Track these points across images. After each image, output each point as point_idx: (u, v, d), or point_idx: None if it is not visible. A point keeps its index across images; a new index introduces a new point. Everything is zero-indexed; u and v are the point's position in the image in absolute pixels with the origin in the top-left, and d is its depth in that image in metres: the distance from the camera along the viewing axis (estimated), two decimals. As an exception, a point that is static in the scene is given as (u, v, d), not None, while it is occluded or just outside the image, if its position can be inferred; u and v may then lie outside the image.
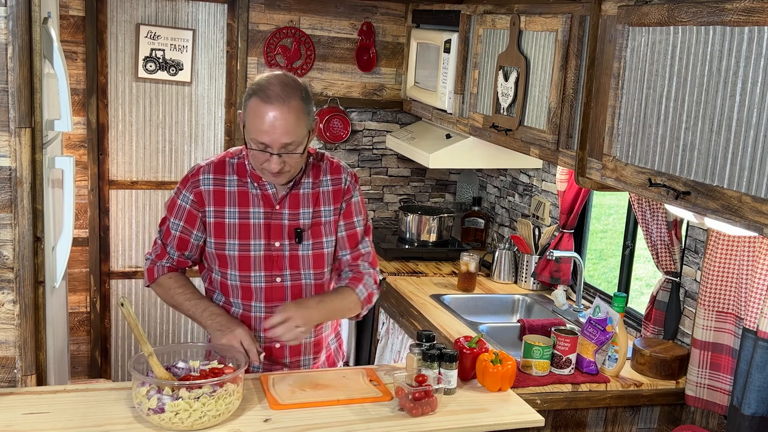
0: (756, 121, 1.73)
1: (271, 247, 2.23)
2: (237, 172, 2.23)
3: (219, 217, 2.22)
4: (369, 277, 2.32)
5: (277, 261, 2.24)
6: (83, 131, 3.83)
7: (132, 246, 4.04)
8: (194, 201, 2.22)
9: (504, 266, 3.60)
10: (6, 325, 2.05)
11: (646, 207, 2.71)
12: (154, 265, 2.31)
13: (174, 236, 2.26)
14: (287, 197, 2.23)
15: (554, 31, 2.67)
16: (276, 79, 2.09)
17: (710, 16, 1.85)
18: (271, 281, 2.24)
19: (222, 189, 2.22)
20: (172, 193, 2.30)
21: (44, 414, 1.96)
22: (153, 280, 2.31)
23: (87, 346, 4.05)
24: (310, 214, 2.25)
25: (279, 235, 2.23)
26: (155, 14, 3.85)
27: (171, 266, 2.30)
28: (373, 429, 1.99)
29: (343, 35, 4.11)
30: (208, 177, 2.22)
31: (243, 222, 2.22)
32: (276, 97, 2.04)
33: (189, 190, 2.23)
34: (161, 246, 2.30)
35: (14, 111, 1.98)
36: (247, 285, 2.24)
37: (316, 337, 2.35)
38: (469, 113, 3.34)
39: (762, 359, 2.15)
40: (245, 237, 2.22)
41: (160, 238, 2.31)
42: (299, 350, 2.32)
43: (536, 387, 2.44)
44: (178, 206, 2.25)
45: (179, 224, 2.25)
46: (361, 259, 2.33)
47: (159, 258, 2.30)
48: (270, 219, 2.22)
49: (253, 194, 2.22)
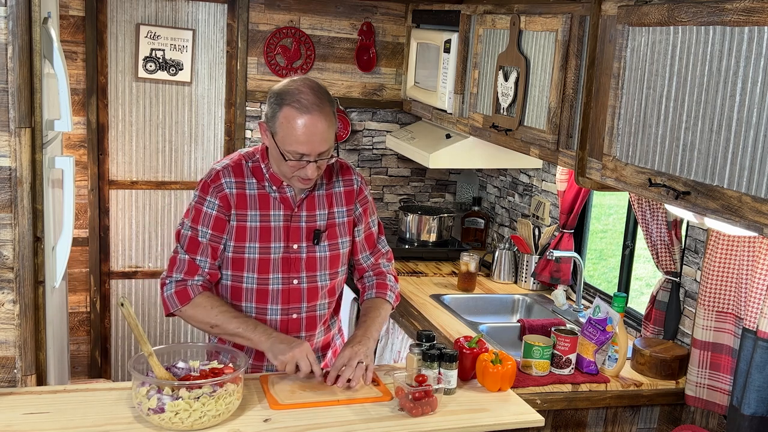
0: (756, 121, 1.72)
1: (289, 250, 2.22)
2: (254, 175, 2.20)
3: (242, 220, 2.19)
4: (391, 278, 2.41)
5: (295, 263, 2.23)
6: (83, 131, 3.83)
7: (132, 246, 4.04)
8: (220, 206, 2.16)
9: (504, 266, 3.60)
10: (6, 325, 2.05)
11: (646, 207, 2.71)
12: (185, 285, 2.15)
13: (206, 246, 2.17)
14: (305, 200, 2.23)
15: (554, 31, 2.67)
16: (305, 86, 2.06)
17: (710, 16, 1.85)
18: (288, 283, 2.24)
19: (243, 192, 2.19)
20: (192, 203, 2.20)
21: (44, 414, 1.96)
22: (188, 301, 2.14)
23: (87, 346, 4.05)
24: (326, 216, 2.26)
25: (297, 237, 2.23)
26: (155, 14, 3.85)
27: (204, 283, 2.17)
28: (373, 429, 1.99)
29: (343, 35, 4.11)
30: (230, 180, 2.18)
31: (264, 225, 2.20)
32: (312, 106, 2.02)
33: (213, 195, 2.17)
34: (188, 261, 2.16)
35: (14, 111, 1.98)
36: (264, 288, 2.23)
37: (325, 336, 2.36)
38: (469, 113, 3.34)
39: (762, 359, 2.15)
40: (266, 240, 2.20)
41: (183, 253, 2.17)
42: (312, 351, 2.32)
43: (536, 387, 2.44)
44: (204, 213, 2.17)
45: (208, 232, 2.17)
46: (382, 258, 2.42)
47: (189, 275, 2.15)
48: (289, 221, 2.22)
49: (273, 197, 2.21)
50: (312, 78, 2.15)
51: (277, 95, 2.08)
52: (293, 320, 2.26)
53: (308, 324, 2.28)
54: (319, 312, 2.30)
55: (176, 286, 2.17)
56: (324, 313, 2.32)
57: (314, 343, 2.32)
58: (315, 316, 2.29)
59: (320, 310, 2.30)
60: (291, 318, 2.26)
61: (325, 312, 2.32)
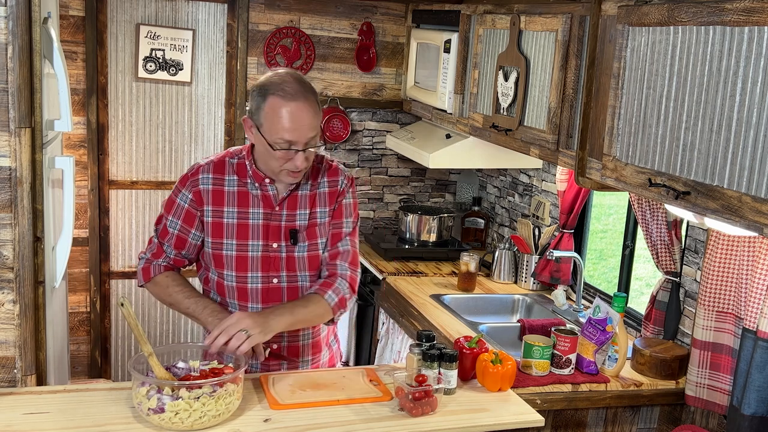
0: (756, 121, 1.73)
1: (268, 248, 2.23)
2: (237, 172, 2.22)
3: (217, 216, 2.21)
4: (342, 280, 2.25)
5: (274, 262, 2.24)
6: (83, 131, 3.83)
7: (132, 246, 4.04)
8: (192, 200, 2.22)
9: (504, 266, 3.60)
10: (6, 325, 2.05)
11: (646, 207, 2.71)
12: (150, 264, 2.27)
13: (172, 235, 2.25)
14: (287, 198, 2.23)
15: (554, 31, 2.67)
16: (289, 76, 2.10)
17: (710, 16, 1.85)
18: (268, 282, 2.24)
19: (221, 189, 2.22)
20: (170, 192, 2.30)
21: (44, 414, 1.96)
22: (149, 278, 2.27)
23: (87, 346, 4.05)
24: (307, 216, 2.25)
25: (277, 236, 2.23)
26: (155, 14, 3.85)
27: (167, 265, 2.28)
28: (373, 429, 1.99)
29: (343, 35, 4.11)
30: (207, 176, 2.22)
31: (242, 222, 2.21)
32: (297, 93, 2.05)
33: (188, 189, 2.23)
34: (158, 245, 2.28)
35: (14, 111, 1.98)
36: (243, 286, 2.24)
37: (314, 339, 2.35)
38: (469, 113, 3.34)
39: (762, 359, 2.15)
40: (243, 237, 2.22)
41: (156, 237, 2.29)
42: (297, 351, 2.32)
43: (536, 387, 2.44)
44: (177, 205, 2.25)
45: (177, 223, 2.24)
46: (339, 258, 2.27)
47: (155, 257, 2.28)
48: (269, 220, 2.22)
49: (254, 195, 2.22)
50: (295, 70, 2.17)
51: (261, 87, 2.10)
52: None
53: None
54: None
55: (144, 263, 2.29)
56: None
57: (299, 344, 2.31)
58: None
59: None
60: None
61: None
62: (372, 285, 3.75)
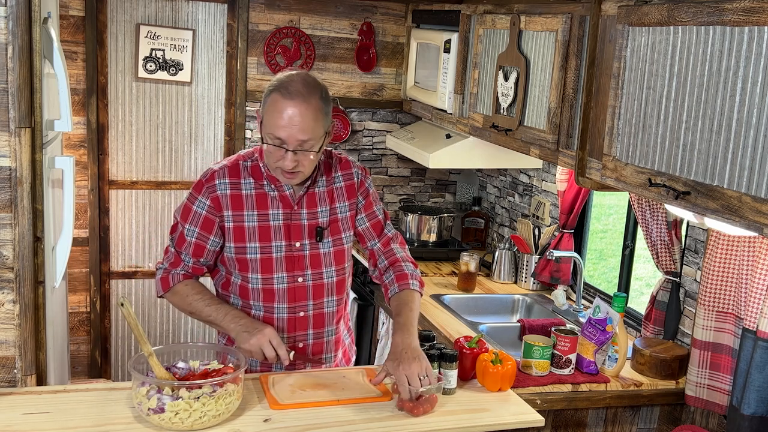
0: (756, 121, 1.72)
1: (292, 248, 2.23)
2: (252, 174, 2.21)
3: (238, 221, 2.20)
4: (409, 265, 2.38)
5: (299, 261, 2.24)
6: (83, 131, 3.83)
7: (132, 246, 4.04)
8: (211, 206, 2.19)
9: (504, 266, 3.60)
10: (6, 325, 2.05)
11: (646, 207, 2.71)
12: (168, 274, 2.24)
13: (189, 243, 2.22)
14: (304, 197, 2.24)
15: (554, 31, 2.67)
16: (298, 77, 2.10)
17: (710, 16, 1.85)
18: (294, 282, 2.24)
19: (239, 193, 2.20)
20: (184, 199, 2.25)
21: (44, 414, 1.96)
22: (168, 288, 2.25)
23: (87, 346, 4.05)
24: (328, 212, 2.26)
25: (299, 235, 2.23)
26: (155, 14, 3.85)
27: (186, 274, 2.24)
28: (373, 429, 1.99)
29: (343, 35, 4.11)
30: (224, 181, 2.20)
31: (263, 224, 2.21)
32: (297, 94, 2.05)
33: (205, 195, 2.20)
34: (175, 254, 2.24)
35: (14, 111, 1.98)
36: (269, 287, 2.24)
37: (336, 335, 2.36)
38: (469, 113, 3.34)
39: (762, 359, 2.15)
40: (266, 239, 2.21)
41: (172, 246, 2.25)
42: (321, 348, 2.32)
43: (536, 387, 2.44)
44: (194, 212, 2.21)
45: (195, 231, 2.21)
46: (392, 243, 2.39)
47: (173, 266, 2.24)
48: (289, 220, 2.23)
49: (271, 196, 2.22)
50: (311, 74, 2.17)
51: (271, 84, 2.12)
52: (300, 318, 2.26)
53: (316, 322, 2.29)
54: (327, 309, 2.30)
55: (162, 273, 2.27)
56: (332, 311, 2.32)
57: (324, 341, 2.32)
58: (323, 314, 2.29)
59: (328, 308, 2.30)
60: (298, 316, 2.26)
61: (333, 309, 2.32)
62: (372, 285, 3.75)
